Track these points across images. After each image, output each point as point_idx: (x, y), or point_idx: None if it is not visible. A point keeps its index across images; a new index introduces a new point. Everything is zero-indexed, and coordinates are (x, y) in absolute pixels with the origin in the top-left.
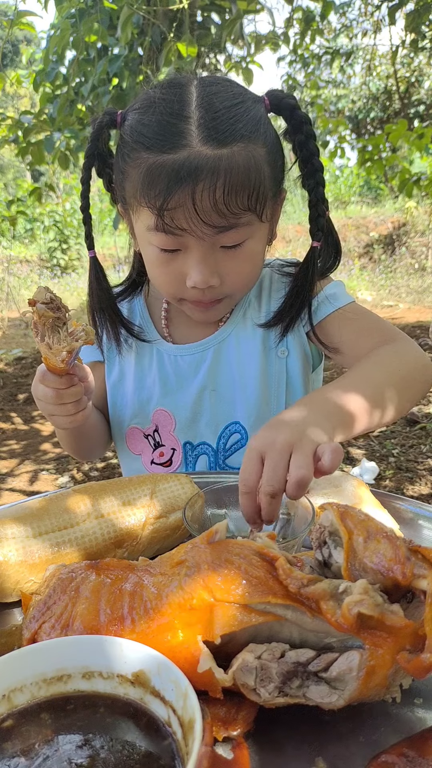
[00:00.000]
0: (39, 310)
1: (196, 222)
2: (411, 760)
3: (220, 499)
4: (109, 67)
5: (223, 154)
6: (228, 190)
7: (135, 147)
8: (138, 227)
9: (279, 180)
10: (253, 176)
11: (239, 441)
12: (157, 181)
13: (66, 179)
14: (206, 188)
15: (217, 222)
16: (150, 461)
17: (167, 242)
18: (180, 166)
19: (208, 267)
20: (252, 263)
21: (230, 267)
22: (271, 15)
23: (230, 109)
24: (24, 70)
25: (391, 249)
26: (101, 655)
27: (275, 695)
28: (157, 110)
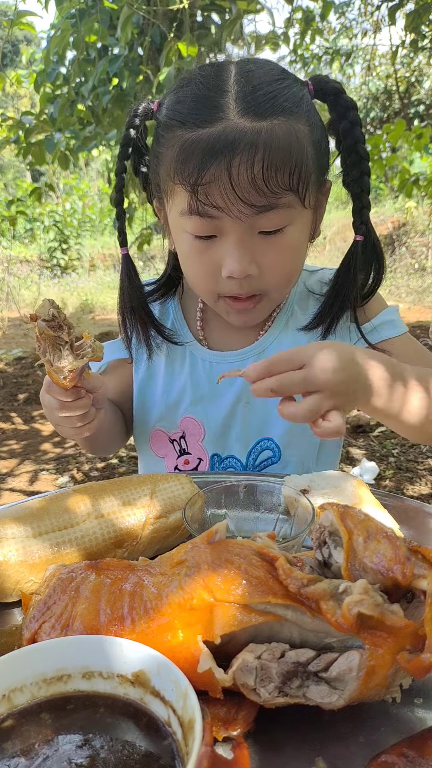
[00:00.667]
0: (40, 327)
1: (233, 199)
2: (411, 760)
3: (220, 499)
4: (110, 67)
5: (263, 127)
6: (267, 164)
7: (170, 125)
8: (172, 216)
9: (323, 166)
10: (294, 152)
11: (270, 458)
12: (191, 156)
13: (66, 179)
14: (243, 162)
15: (255, 200)
16: (174, 466)
17: (202, 226)
18: (216, 139)
19: (245, 254)
20: (293, 255)
21: (269, 257)
22: (271, 15)
23: (270, 83)
24: (24, 70)
25: (391, 249)
26: (101, 655)
27: (275, 695)
28: (194, 86)
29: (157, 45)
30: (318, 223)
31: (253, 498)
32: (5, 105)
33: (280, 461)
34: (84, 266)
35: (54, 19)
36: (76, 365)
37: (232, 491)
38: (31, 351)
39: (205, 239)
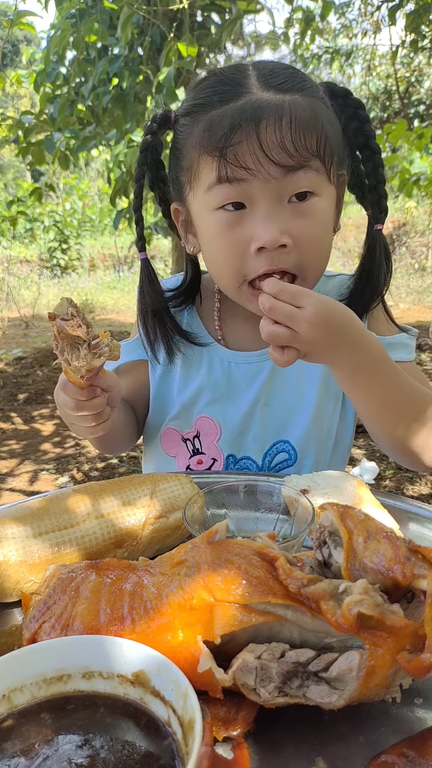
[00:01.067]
0: (58, 326)
1: (262, 159)
2: (411, 760)
3: (220, 499)
4: (110, 67)
5: (285, 99)
6: (295, 127)
7: (194, 110)
8: (197, 202)
9: (341, 156)
10: (318, 121)
11: (286, 461)
12: (219, 124)
13: (66, 179)
14: (271, 124)
15: (284, 161)
16: (186, 466)
17: (231, 193)
18: (242, 107)
19: (276, 222)
20: (323, 228)
21: (300, 227)
22: (271, 15)
23: (286, 70)
24: (24, 70)
25: (391, 249)
26: (101, 655)
27: (275, 695)
28: (215, 77)
29: (157, 45)
30: (338, 215)
31: (253, 498)
32: (5, 105)
33: (295, 464)
34: (84, 266)
35: (54, 19)
36: (94, 364)
37: (232, 491)
38: (31, 351)
39: (234, 212)
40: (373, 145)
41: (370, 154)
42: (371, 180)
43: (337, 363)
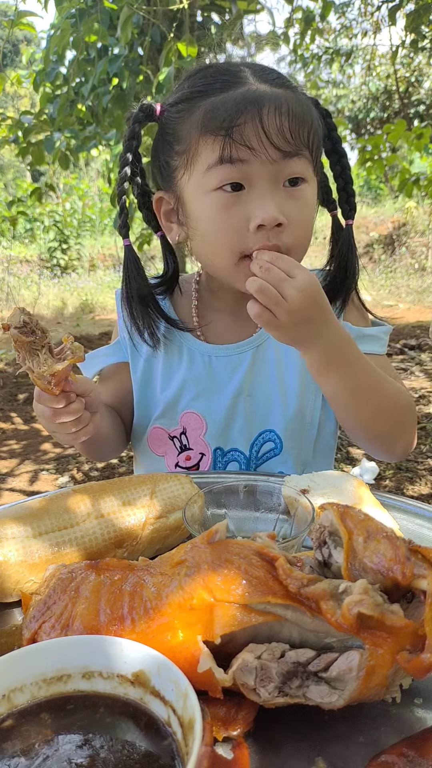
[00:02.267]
0: (13, 335)
1: (265, 141)
2: (411, 760)
3: (220, 499)
4: (110, 67)
5: (280, 92)
6: (292, 117)
7: (189, 98)
8: (193, 184)
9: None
10: (309, 119)
11: (272, 450)
12: (222, 108)
13: (66, 179)
14: (272, 111)
15: (283, 146)
16: (175, 464)
17: (231, 173)
18: (244, 94)
19: (274, 202)
20: (310, 213)
21: (293, 209)
22: (271, 15)
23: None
24: (24, 70)
25: (391, 249)
26: (101, 655)
27: (275, 695)
28: (213, 67)
29: (157, 45)
30: None
31: (253, 498)
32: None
33: (281, 453)
34: (84, 266)
35: (54, 19)
36: (57, 368)
37: (232, 491)
38: None
39: (232, 193)
40: (340, 150)
41: (337, 158)
42: (340, 181)
43: (314, 345)
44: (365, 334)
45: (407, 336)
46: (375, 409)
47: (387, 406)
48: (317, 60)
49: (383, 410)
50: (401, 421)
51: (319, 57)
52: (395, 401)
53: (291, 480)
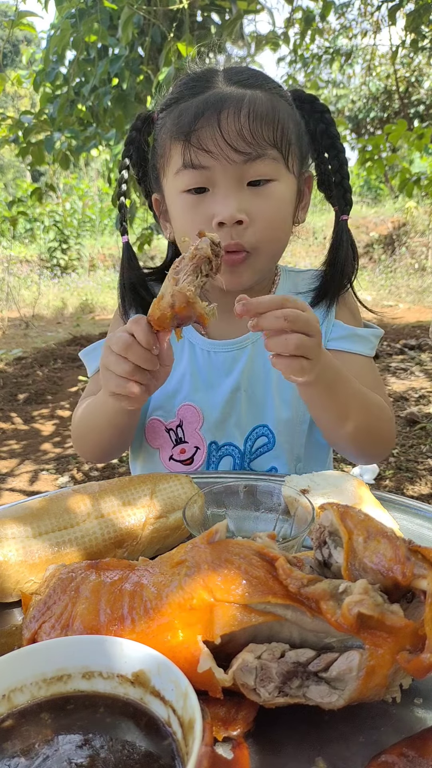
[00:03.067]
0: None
1: (222, 145)
2: (411, 760)
3: (220, 499)
4: (110, 67)
5: (246, 93)
6: (253, 117)
7: (169, 104)
8: (168, 187)
9: (303, 153)
10: (277, 115)
11: (266, 444)
12: (185, 113)
13: (66, 179)
14: (231, 114)
15: (243, 148)
16: (169, 457)
17: (194, 178)
18: (207, 98)
19: (234, 201)
20: (279, 209)
21: (257, 207)
22: (271, 15)
23: (252, 70)
24: (24, 70)
25: (391, 249)
26: (101, 655)
27: (275, 695)
28: (189, 72)
29: (158, 45)
30: (302, 209)
31: (253, 498)
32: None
33: (274, 448)
34: (84, 266)
35: (54, 19)
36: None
37: (232, 491)
38: (31, 351)
39: (197, 193)
40: (338, 145)
41: (335, 153)
42: (336, 176)
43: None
44: (356, 334)
45: (407, 336)
46: (359, 425)
47: (370, 423)
48: (317, 60)
49: (366, 427)
50: (381, 436)
51: (319, 57)
52: (378, 418)
53: (291, 480)
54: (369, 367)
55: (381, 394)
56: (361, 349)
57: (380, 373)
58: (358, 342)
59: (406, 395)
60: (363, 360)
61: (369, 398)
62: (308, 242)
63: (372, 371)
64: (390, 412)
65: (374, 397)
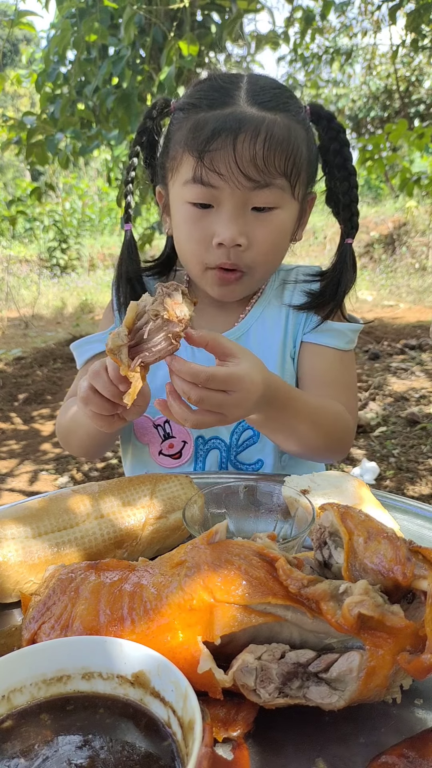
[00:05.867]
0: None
1: (234, 170)
2: (411, 760)
3: (220, 500)
4: (113, 68)
5: (267, 116)
6: (268, 146)
7: (186, 108)
8: (174, 190)
9: (311, 175)
10: (292, 144)
11: (251, 438)
12: (202, 127)
13: (66, 179)
14: (248, 139)
15: (254, 175)
16: (158, 452)
17: (201, 194)
18: (226, 118)
19: (236, 224)
20: (279, 235)
21: (258, 232)
22: (271, 14)
23: (275, 89)
24: (24, 70)
25: (391, 249)
26: (101, 656)
27: (275, 696)
28: (211, 81)
29: (159, 44)
30: (301, 227)
31: (253, 498)
32: (5, 105)
33: (259, 441)
34: (84, 266)
35: (54, 18)
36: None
37: (232, 492)
38: (30, 351)
39: (202, 208)
40: (350, 167)
41: (346, 175)
42: (345, 198)
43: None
44: (332, 328)
45: (408, 336)
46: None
47: (320, 439)
48: (317, 59)
49: (316, 443)
50: (334, 445)
51: (319, 56)
52: (330, 432)
53: (291, 480)
54: (341, 362)
55: (345, 393)
56: (335, 342)
57: (381, 373)
58: (333, 336)
59: (406, 395)
60: (335, 354)
61: (321, 414)
62: (308, 242)
63: (344, 366)
64: (347, 417)
65: (329, 409)
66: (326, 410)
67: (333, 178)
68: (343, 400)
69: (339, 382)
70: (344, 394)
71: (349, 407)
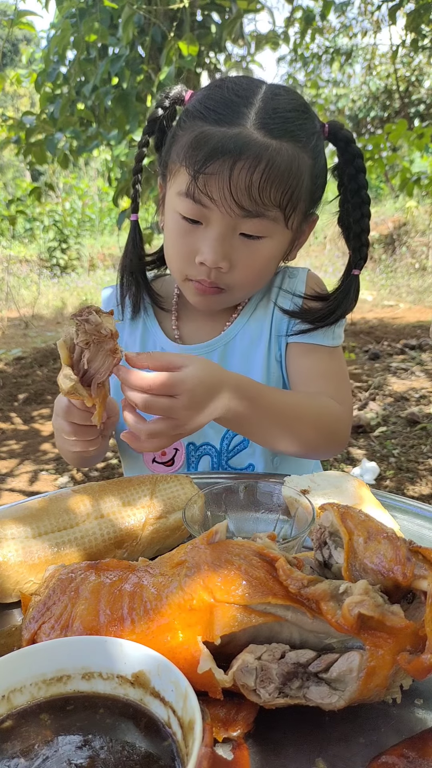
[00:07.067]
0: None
1: (227, 196)
2: (411, 761)
3: (220, 500)
4: (111, 67)
5: (271, 144)
6: (266, 177)
7: (194, 114)
8: (169, 194)
9: (315, 199)
10: (293, 176)
11: (242, 442)
12: (203, 145)
13: (66, 179)
14: (246, 167)
15: (246, 204)
16: (151, 459)
17: (192, 210)
18: (228, 138)
19: (222, 248)
20: (264, 264)
21: (243, 258)
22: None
23: (290, 111)
24: (24, 70)
25: (391, 249)
26: (101, 656)
27: (275, 696)
28: (225, 90)
29: (158, 44)
30: (296, 248)
31: (253, 498)
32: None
33: (250, 445)
34: (84, 266)
35: (54, 18)
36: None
37: (232, 491)
38: (30, 351)
39: (191, 223)
40: (364, 196)
41: (359, 203)
42: (356, 227)
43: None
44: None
45: (408, 336)
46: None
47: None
48: (317, 59)
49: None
50: (327, 435)
51: (319, 56)
52: (318, 426)
53: (291, 480)
54: (329, 357)
55: (335, 385)
56: (321, 339)
57: (381, 373)
58: (319, 333)
59: (406, 395)
60: (323, 350)
61: (303, 408)
62: (308, 242)
63: (332, 362)
64: (336, 408)
65: (312, 402)
66: (309, 403)
67: (346, 202)
68: (332, 392)
69: (327, 375)
70: (333, 385)
71: (340, 398)
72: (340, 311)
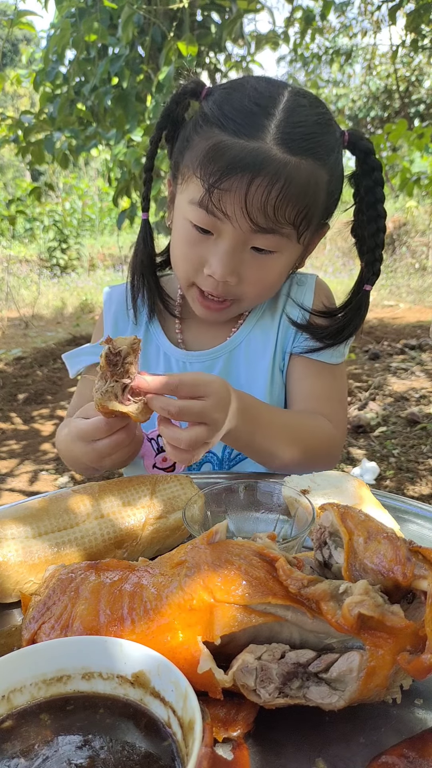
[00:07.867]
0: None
1: (241, 213)
2: (411, 761)
3: (220, 500)
4: (111, 66)
5: (290, 161)
6: (283, 195)
7: (211, 120)
8: (180, 199)
9: (329, 211)
10: (309, 195)
11: None
12: (220, 158)
13: (66, 179)
14: (263, 185)
15: (260, 221)
16: (152, 465)
17: (204, 220)
18: (247, 153)
19: (232, 262)
20: (273, 278)
21: (253, 272)
22: (271, 14)
23: (311, 126)
24: (24, 70)
25: (391, 249)
26: (101, 656)
27: (275, 696)
28: (245, 96)
29: (158, 44)
30: (305, 257)
31: (253, 498)
32: (5, 104)
33: None
34: (84, 266)
35: (54, 18)
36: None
37: (232, 492)
38: (30, 351)
39: (202, 233)
40: (380, 209)
41: (375, 216)
42: (371, 241)
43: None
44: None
45: (408, 336)
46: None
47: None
48: (317, 59)
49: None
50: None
51: (319, 56)
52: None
53: (291, 480)
54: (331, 376)
55: (332, 406)
56: (325, 357)
57: (381, 373)
58: (323, 351)
59: (406, 395)
60: (325, 368)
61: (298, 428)
62: None
63: (333, 379)
64: (329, 430)
65: (307, 423)
66: (304, 424)
67: (361, 213)
68: (328, 413)
69: (326, 395)
70: (331, 407)
71: (336, 420)
72: (350, 329)
